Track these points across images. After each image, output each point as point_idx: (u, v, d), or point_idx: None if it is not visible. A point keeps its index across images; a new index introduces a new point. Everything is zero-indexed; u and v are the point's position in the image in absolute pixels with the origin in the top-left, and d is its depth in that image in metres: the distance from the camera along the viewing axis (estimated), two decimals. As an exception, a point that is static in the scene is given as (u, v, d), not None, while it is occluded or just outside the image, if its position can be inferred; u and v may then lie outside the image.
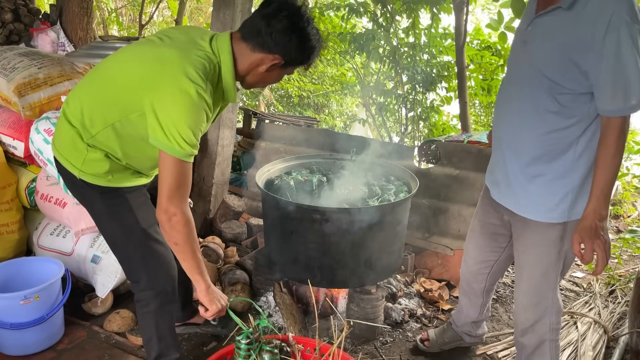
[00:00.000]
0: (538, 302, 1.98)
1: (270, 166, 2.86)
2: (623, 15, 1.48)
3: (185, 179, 1.67)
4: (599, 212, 1.65)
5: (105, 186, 1.84)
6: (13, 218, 2.91)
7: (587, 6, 1.54)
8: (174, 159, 1.61)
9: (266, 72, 1.76)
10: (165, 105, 1.58)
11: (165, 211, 1.66)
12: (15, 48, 3.14)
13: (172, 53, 1.66)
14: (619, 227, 5.09)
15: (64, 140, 1.84)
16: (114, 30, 9.31)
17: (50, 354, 2.40)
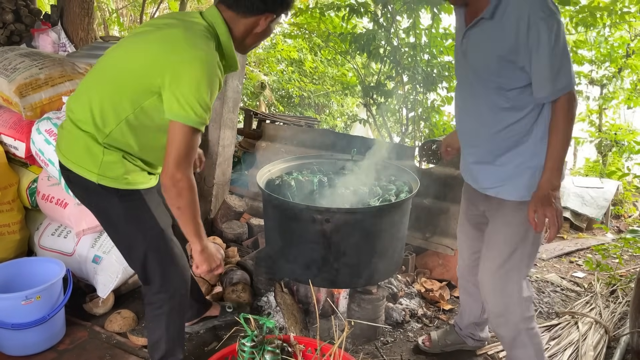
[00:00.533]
0: (504, 285, 2.01)
1: (271, 166, 2.86)
2: (538, 12, 1.66)
3: (194, 148, 1.69)
4: (552, 182, 1.79)
5: (124, 189, 1.83)
6: (14, 218, 2.92)
7: (506, 12, 1.73)
8: (186, 127, 1.63)
9: (261, 32, 1.84)
10: (181, 76, 1.61)
11: (171, 177, 1.67)
12: (17, 49, 3.14)
13: (176, 31, 1.70)
14: (620, 227, 5.10)
15: (76, 147, 1.81)
16: (115, 30, 9.31)
17: (51, 355, 2.41)
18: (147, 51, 1.70)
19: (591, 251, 4.29)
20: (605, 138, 6.23)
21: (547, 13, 1.66)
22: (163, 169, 1.69)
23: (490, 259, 2.04)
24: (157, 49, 1.68)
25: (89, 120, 1.77)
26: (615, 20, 4.62)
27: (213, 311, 2.62)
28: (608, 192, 5.03)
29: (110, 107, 1.74)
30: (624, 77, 6.21)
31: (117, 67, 1.77)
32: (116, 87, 1.73)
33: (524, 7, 1.68)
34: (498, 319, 2.09)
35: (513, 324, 2.06)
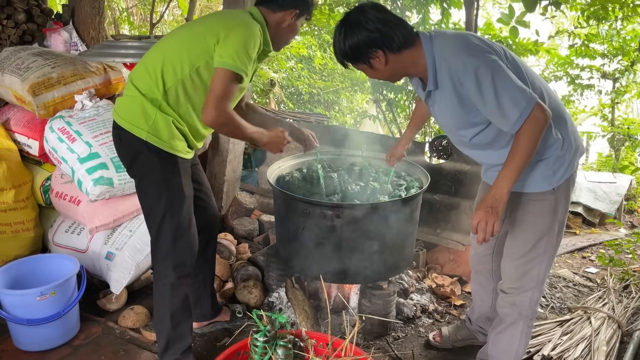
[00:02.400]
0: (525, 272, 2.04)
1: (281, 163, 2.87)
2: (459, 69, 1.74)
3: (232, 92, 1.91)
4: (498, 189, 1.78)
5: (165, 150, 2.00)
6: (29, 216, 2.95)
7: (442, 79, 1.82)
8: (227, 71, 1.87)
9: (287, 27, 2.11)
10: (230, 34, 1.89)
11: (210, 115, 1.88)
12: (29, 48, 3.18)
13: (231, 12, 2.15)
14: (633, 222, 5.05)
15: (132, 108, 2.00)
16: (125, 29, 9.37)
17: (66, 350, 2.44)
18: (205, 23, 2.02)
19: (604, 246, 4.25)
20: (617, 132, 6.16)
21: (469, 65, 1.71)
22: (203, 111, 1.90)
23: (514, 247, 2.06)
24: (213, 21, 2.01)
25: (149, 82, 1.98)
26: (627, 13, 4.57)
27: (223, 316, 2.64)
28: (621, 186, 4.98)
29: (170, 68, 1.96)
30: (637, 71, 6.14)
31: (180, 35, 2.05)
32: (178, 49, 1.98)
33: (447, 67, 1.78)
34: (507, 300, 2.12)
35: (519, 310, 2.09)
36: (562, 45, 6.83)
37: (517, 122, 1.70)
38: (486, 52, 1.74)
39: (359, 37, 1.78)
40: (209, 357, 2.41)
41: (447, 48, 1.79)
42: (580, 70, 6.39)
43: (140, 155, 2.03)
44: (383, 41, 1.78)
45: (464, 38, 1.80)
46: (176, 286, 2.12)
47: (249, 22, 1.95)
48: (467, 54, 1.73)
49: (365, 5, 1.81)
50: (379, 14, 1.78)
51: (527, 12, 3.56)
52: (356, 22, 1.78)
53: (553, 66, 6.55)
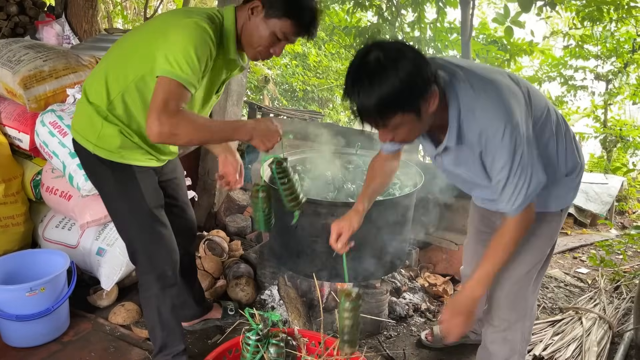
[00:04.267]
0: (517, 301, 1.93)
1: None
2: (495, 137, 1.50)
3: (176, 100, 1.60)
4: (474, 291, 1.70)
5: (117, 162, 1.88)
6: (18, 210, 2.92)
7: (467, 138, 1.57)
8: (169, 80, 1.60)
9: (251, 22, 1.75)
10: (171, 37, 1.64)
11: (151, 127, 1.58)
12: (21, 41, 3.14)
13: (178, 11, 1.83)
14: (624, 223, 5.08)
15: (80, 117, 1.91)
16: (119, 23, 9.30)
17: (55, 346, 2.41)
18: (149, 26, 1.83)
19: (595, 247, 4.28)
20: (610, 134, 6.20)
21: (506, 135, 1.49)
22: (146, 127, 1.62)
23: (510, 271, 1.90)
24: (157, 23, 1.80)
25: (97, 90, 1.84)
26: (621, 15, 4.59)
27: (214, 313, 2.63)
28: (612, 188, 5.01)
29: (114, 76, 1.81)
30: (630, 73, 6.17)
31: (125, 41, 1.88)
32: (122, 57, 1.83)
33: (482, 132, 1.52)
34: (497, 335, 2.00)
35: (511, 344, 1.98)
36: (557, 46, 6.86)
37: (517, 210, 1.59)
38: (521, 123, 1.51)
39: (408, 70, 1.35)
40: (201, 354, 2.39)
41: (480, 104, 1.51)
42: (574, 71, 6.42)
43: (93, 167, 1.95)
44: (435, 76, 1.43)
45: (498, 94, 1.51)
46: (161, 297, 2.07)
47: (193, 24, 1.65)
48: (506, 129, 1.48)
49: (383, 42, 1.45)
50: (409, 47, 1.43)
51: (523, 12, 3.57)
52: (397, 54, 1.37)
53: (547, 67, 6.57)
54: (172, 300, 2.11)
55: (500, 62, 5.22)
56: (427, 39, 4.77)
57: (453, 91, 1.52)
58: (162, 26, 1.72)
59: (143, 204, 1.95)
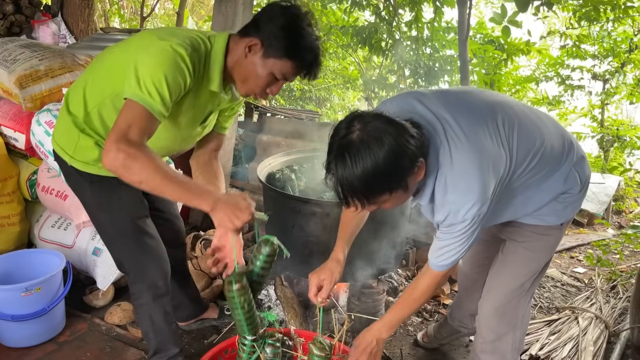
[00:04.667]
0: (506, 313, 1.90)
1: (272, 159, 2.85)
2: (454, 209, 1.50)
3: (141, 124, 1.50)
4: (381, 333, 1.75)
5: (95, 174, 1.83)
6: (14, 210, 2.91)
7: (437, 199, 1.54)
8: (137, 104, 1.51)
9: (247, 60, 1.63)
10: (144, 60, 1.54)
11: (107, 151, 1.46)
12: (17, 40, 3.13)
13: (162, 31, 1.70)
14: (621, 222, 5.09)
15: (60, 128, 1.86)
16: (116, 22, 9.28)
17: (51, 346, 2.41)
18: (129, 43, 1.74)
19: (592, 247, 4.28)
20: (607, 133, 6.21)
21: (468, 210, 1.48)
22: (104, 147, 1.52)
23: (504, 281, 1.89)
24: (137, 41, 1.71)
25: (74, 100, 1.80)
26: (618, 15, 4.59)
27: (211, 313, 2.62)
28: (609, 187, 5.01)
29: (91, 89, 1.76)
30: (627, 72, 6.18)
31: (106, 55, 1.82)
32: (100, 71, 1.77)
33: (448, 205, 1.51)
34: (486, 345, 1.98)
35: (501, 355, 1.96)
36: (554, 45, 6.87)
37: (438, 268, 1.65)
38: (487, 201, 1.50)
39: (392, 151, 1.32)
40: (197, 354, 2.39)
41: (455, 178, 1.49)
42: (571, 70, 6.42)
43: (72, 178, 1.91)
44: (421, 147, 1.40)
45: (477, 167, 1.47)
46: (153, 306, 2.05)
47: (169, 47, 1.54)
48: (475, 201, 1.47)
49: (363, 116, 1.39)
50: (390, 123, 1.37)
51: (520, 12, 3.57)
52: (379, 134, 1.33)
53: (544, 66, 6.58)
54: (164, 309, 2.09)
55: (497, 61, 5.23)
56: (425, 38, 4.77)
57: (433, 153, 1.49)
58: (140, 45, 1.64)
59: (123, 216, 1.91)
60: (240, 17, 3.28)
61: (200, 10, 10.78)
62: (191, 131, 1.86)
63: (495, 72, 5.29)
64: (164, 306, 2.09)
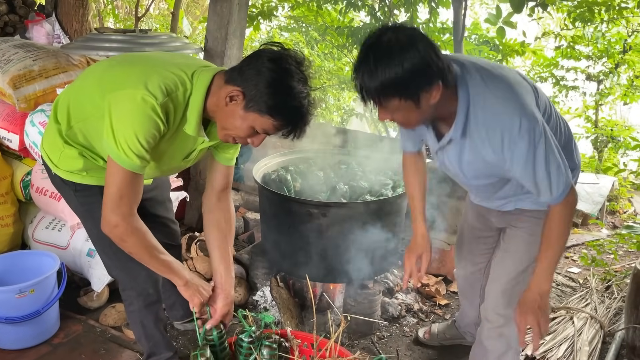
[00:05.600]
0: (513, 297, 1.89)
1: (268, 160, 2.85)
2: (512, 130, 1.50)
3: (129, 190, 1.59)
4: (542, 287, 1.68)
5: (79, 183, 1.82)
6: (8, 211, 2.89)
7: (477, 129, 1.56)
8: (119, 167, 1.55)
9: (228, 109, 1.56)
10: (119, 110, 1.53)
11: (108, 222, 1.61)
12: (10, 40, 3.11)
13: (147, 64, 1.63)
14: (615, 223, 5.11)
15: (47, 135, 1.85)
16: (110, 22, 9.24)
17: (45, 348, 2.39)
18: (109, 71, 1.68)
19: (586, 247, 4.29)
20: (601, 134, 6.23)
21: (523, 127, 1.49)
22: (102, 212, 1.62)
23: (506, 267, 1.93)
24: (117, 72, 1.64)
25: (61, 111, 1.77)
26: (612, 16, 4.61)
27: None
28: (604, 187, 5.03)
29: (74, 105, 1.74)
30: (621, 73, 6.21)
31: (92, 72, 1.79)
32: (82, 92, 1.73)
33: (496, 126, 1.52)
34: (492, 332, 2.00)
35: (507, 341, 1.98)
36: (548, 46, 6.89)
37: (560, 197, 1.58)
38: (535, 117, 1.51)
39: (414, 61, 1.36)
40: (192, 356, 2.38)
41: (490, 96, 1.53)
42: (565, 71, 6.44)
43: (59, 187, 1.91)
44: (443, 70, 1.43)
45: (509, 86, 1.54)
46: (144, 313, 2.05)
47: (140, 101, 1.50)
48: (521, 121, 1.49)
49: (400, 27, 1.44)
50: (423, 37, 1.42)
51: (515, 13, 3.58)
52: (408, 42, 1.37)
53: (539, 67, 6.59)
54: (155, 315, 2.09)
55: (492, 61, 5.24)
56: (420, 39, 4.77)
57: (463, 83, 1.53)
58: (115, 85, 1.57)
59: None
60: (235, 17, 3.27)
61: (195, 11, 10.75)
62: (172, 164, 1.84)
63: (490, 72, 5.28)
64: (156, 313, 2.09)
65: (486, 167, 1.67)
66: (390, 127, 5.95)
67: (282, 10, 5.94)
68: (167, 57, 1.76)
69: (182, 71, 1.61)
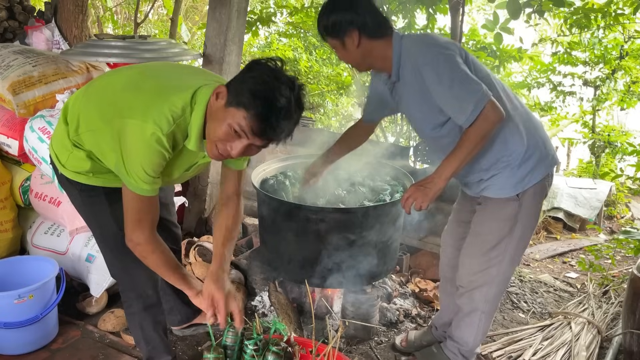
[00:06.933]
0: (482, 270, 2.14)
1: (266, 165, 2.86)
2: (419, 60, 1.89)
3: (144, 213, 1.70)
4: (438, 175, 1.92)
5: (84, 183, 1.86)
6: (7, 217, 2.90)
7: (405, 72, 1.96)
8: (132, 193, 1.65)
9: (212, 111, 1.58)
10: (129, 141, 1.59)
11: (130, 240, 1.73)
12: (10, 46, 3.12)
13: (156, 82, 1.70)
14: (613, 227, 5.12)
15: (56, 135, 1.89)
16: (109, 28, 9.27)
17: (44, 354, 2.39)
18: (125, 91, 1.70)
19: (584, 252, 4.31)
20: (598, 139, 6.26)
21: (428, 56, 1.87)
22: (125, 232, 1.73)
23: (474, 246, 2.16)
24: (128, 95, 1.67)
25: (72, 116, 1.80)
26: (609, 22, 4.64)
27: (203, 318, 2.61)
28: (601, 192, 5.05)
29: (86, 114, 1.76)
30: (618, 79, 6.24)
31: (102, 83, 1.82)
32: (98, 102, 1.75)
33: (410, 60, 1.92)
34: (464, 292, 2.23)
35: (474, 302, 2.20)
36: (545, 52, 6.91)
37: (472, 114, 1.79)
38: (446, 48, 1.87)
39: (343, 14, 1.90)
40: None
41: (412, 43, 1.93)
42: (562, 77, 6.47)
43: (65, 187, 1.95)
44: (361, 23, 1.90)
45: (428, 35, 2.03)
46: (143, 315, 2.07)
47: (149, 136, 1.55)
48: (428, 47, 1.89)
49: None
50: (367, 1, 1.94)
51: (512, 19, 3.60)
52: (346, 2, 1.92)
53: (536, 72, 6.62)
54: (154, 318, 2.10)
55: (490, 67, 5.27)
56: (418, 45, 4.79)
57: (398, 39, 1.95)
58: (130, 106, 1.61)
59: (112, 224, 1.90)
60: (234, 23, 3.29)
61: (194, 16, 10.78)
62: (174, 176, 1.86)
63: (487, 78, 5.31)
64: (155, 316, 2.10)
65: (422, 100, 1.96)
66: (389, 132, 5.97)
67: (280, 16, 5.96)
68: (175, 74, 1.79)
69: (187, 91, 1.64)
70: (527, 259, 4.15)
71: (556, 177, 5.77)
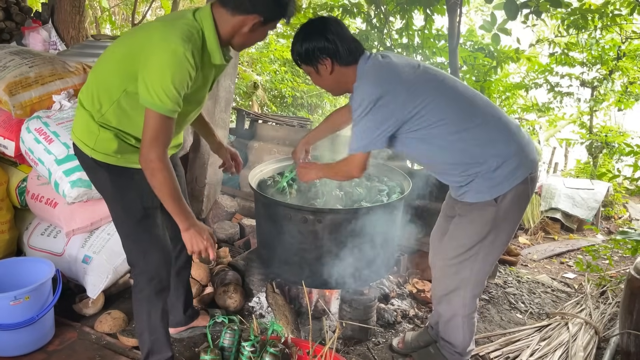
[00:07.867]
0: (456, 272, 2.17)
1: (263, 166, 2.85)
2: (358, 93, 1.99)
3: (163, 132, 1.78)
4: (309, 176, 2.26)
5: (114, 165, 1.95)
6: (3, 218, 2.89)
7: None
8: (155, 113, 1.73)
9: (250, 32, 1.84)
10: (149, 65, 1.71)
11: (145, 158, 1.78)
12: (7, 47, 3.11)
13: (157, 24, 1.83)
14: (610, 228, 5.13)
15: (79, 123, 1.98)
16: (107, 29, 9.27)
17: (40, 355, 2.38)
18: (133, 39, 1.85)
19: (582, 252, 4.32)
20: (595, 140, 6.27)
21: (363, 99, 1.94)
22: (140, 149, 1.80)
23: (450, 247, 2.19)
24: (140, 38, 1.81)
25: (89, 101, 1.92)
26: (606, 23, 4.65)
27: (201, 321, 2.60)
28: (598, 193, 5.06)
29: (103, 90, 1.88)
30: (615, 79, 6.25)
31: (110, 55, 1.92)
32: (107, 72, 1.89)
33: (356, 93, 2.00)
34: (441, 297, 2.27)
35: (453, 307, 2.24)
36: (543, 53, 6.93)
37: (350, 150, 2.02)
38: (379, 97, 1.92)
39: (316, 42, 1.96)
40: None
41: (364, 73, 1.99)
42: (560, 77, 6.49)
43: (92, 170, 2.03)
44: (334, 52, 1.96)
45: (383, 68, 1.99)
46: (153, 301, 2.09)
47: (172, 52, 1.70)
48: (366, 85, 1.96)
49: (329, 18, 2.02)
50: (339, 28, 1.99)
51: (509, 20, 3.61)
52: (318, 29, 1.98)
53: (533, 73, 6.64)
54: (163, 306, 2.13)
55: (487, 68, 5.27)
56: (415, 45, 4.80)
57: (363, 65, 2.00)
58: (144, 44, 1.76)
59: (137, 204, 2.00)
60: None
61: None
62: (202, 95, 2.02)
63: (485, 79, 5.32)
64: (163, 304, 2.13)
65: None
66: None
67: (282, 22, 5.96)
68: (165, 17, 1.96)
69: (185, 18, 1.81)
70: (525, 259, 4.15)
71: (554, 178, 5.78)
